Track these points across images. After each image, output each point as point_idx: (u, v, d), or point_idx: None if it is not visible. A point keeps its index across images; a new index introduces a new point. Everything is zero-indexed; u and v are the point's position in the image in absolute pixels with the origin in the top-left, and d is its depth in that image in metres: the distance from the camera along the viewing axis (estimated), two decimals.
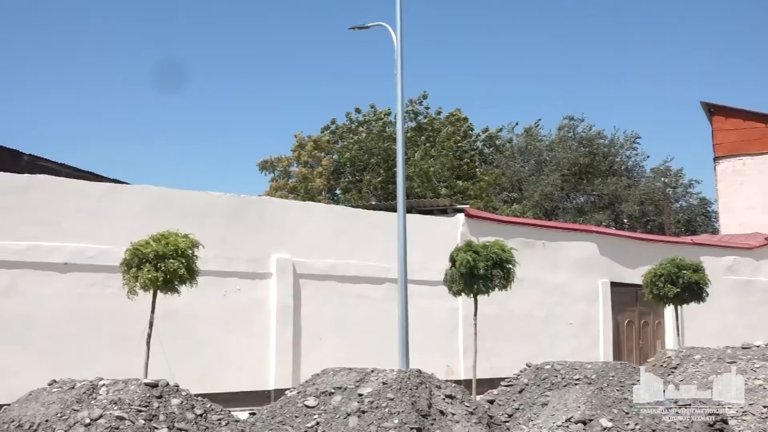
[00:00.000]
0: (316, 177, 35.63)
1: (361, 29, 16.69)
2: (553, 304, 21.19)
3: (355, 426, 8.26)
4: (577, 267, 21.78)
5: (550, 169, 38.86)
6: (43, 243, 14.00)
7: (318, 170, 35.99)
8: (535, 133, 41.32)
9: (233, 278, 15.99)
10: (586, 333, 21.76)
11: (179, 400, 6.84)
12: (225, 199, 16.32)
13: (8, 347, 13.35)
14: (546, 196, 38.16)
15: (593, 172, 39.19)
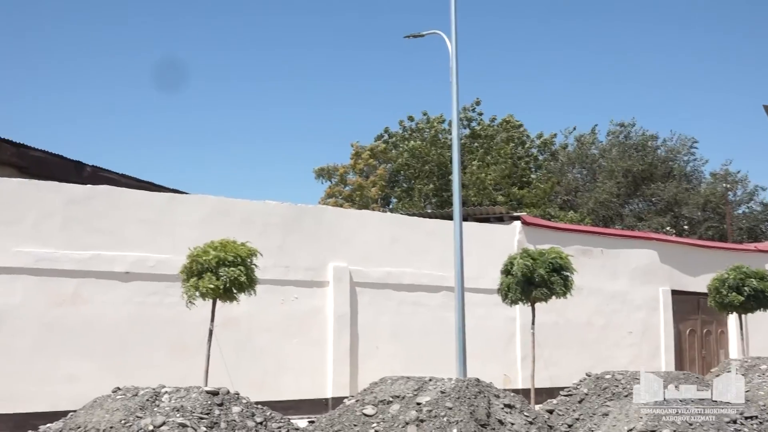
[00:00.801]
0: (371, 185, 35.72)
1: (416, 37, 16.69)
2: (612, 313, 20.90)
3: None
4: (636, 275, 21.45)
5: (605, 176, 38.34)
6: (105, 252, 14.25)
7: (372, 179, 36.09)
8: (587, 141, 40.78)
9: (291, 286, 16.08)
10: (646, 342, 21.41)
11: (240, 407, 6.88)
12: (282, 208, 16.42)
13: (72, 354, 13.62)
14: (602, 204, 37.67)
15: (650, 177, 38.54)
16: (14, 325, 13.29)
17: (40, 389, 13.19)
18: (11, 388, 13.02)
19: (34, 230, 13.70)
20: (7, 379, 13.04)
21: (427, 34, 16.58)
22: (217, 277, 11.30)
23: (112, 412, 6.68)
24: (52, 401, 12.87)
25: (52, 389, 13.20)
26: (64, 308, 13.75)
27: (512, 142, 36.94)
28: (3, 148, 14.63)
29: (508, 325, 18.91)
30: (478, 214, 20.90)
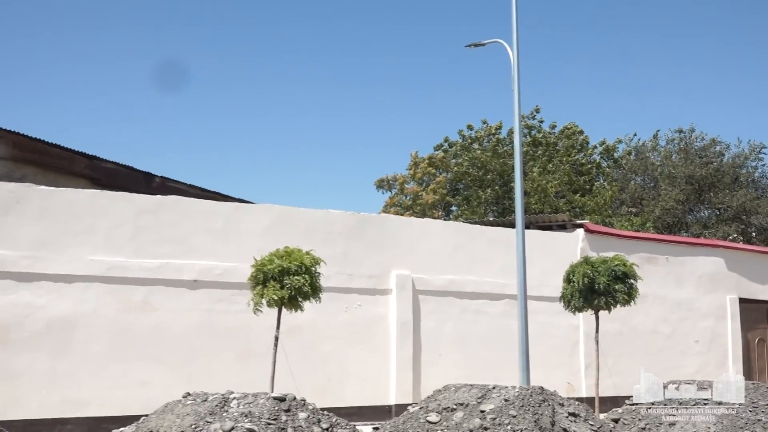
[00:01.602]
0: (430, 193, 35.71)
1: (477, 46, 16.67)
2: (677, 321, 20.51)
3: None
4: (703, 282, 21.02)
5: (667, 184, 37.64)
6: (174, 261, 14.51)
7: (431, 187, 36.07)
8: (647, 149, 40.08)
9: (354, 294, 16.16)
10: (713, 351, 20.96)
11: (306, 413, 6.94)
12: (345, 217, 16.52)
13: (143, 360, 13.89)
14: (667, 211, 36.98)
15: (716, 184, 37.69)
16: (87, 332, 13.62)
17: (111, 394, 13.48)
18: (84, 393, 13.34)
19: (106, 240, 14.03)
20: (80, 384, 13.36)
21: (488, 43, 16.55)
22: (281, 286, 11.44)
23: (182, 417, 6.80)
24: (123, 405, 13.17)
25: (123, 394, 13.48)
26: (134, 315, 14.03)
27: (573, 149, 36.54)
28: (76, 161, 15.03)
29: (572, 333, 18.71)
30: (540, 222, 20.74)
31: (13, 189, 13.47)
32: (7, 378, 12.90)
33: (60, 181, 14.52)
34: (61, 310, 13.47)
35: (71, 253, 13.70)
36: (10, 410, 12.45)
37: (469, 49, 16.87)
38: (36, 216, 13.52)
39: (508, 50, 15.98)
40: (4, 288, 13.09)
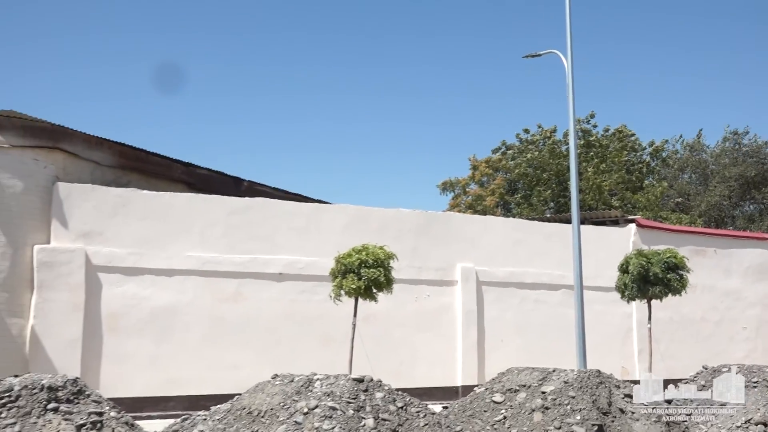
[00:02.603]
0: (490, 194, 35.49)
1: (534, 57, 16.48)
2: (725, 309, 19.96)
3: (539, 421, 8.11)
4: (750, 273, 20.41)
5: (717, 180, 36.66)
6: (261, 256, 14.73)
7: (491, 187, 35.84)
8: (699, 147, 39.10)
9: (423, 285, 16.17)
10: (761, 338, 20.34)
11: (383, 393, 6.97)
12: (414, 215, 16.54)
13: (235, 345, 14.14)
14: (714, 206, 36.04)
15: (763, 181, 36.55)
16: (186, 320, 13.93)
17: (207, 375, 13.77)
18: (184, 374, 13.65)
19: (201, 237, 14.32)
20: (180, 366, 13.68)
21: (544, 53, 16.36)
22: (359, 278, 11.55)
23: (272, 395, 6.89)
24: (218, 385, 13.43)
25: (218, 375, 13.75)
26: (227, 305, 14.29)
27: (625, 150, 35.87)
28: (174, 167, 15.32)
29: (625, 321, 18.37)
30: (594, 218, 20.42)
31: (120, 194, 13.86)
32: (117, 360, 13.28)
33: (160, 186, 14.83)
34: (162, 301, 13.80)
35: (171, 250, 14.03)
36: (119, 389, 12.82)
37: (526, 59, 16.68)
38: (140, 217, 13.88)
39: (563, 60, 15.78)
40: (113, 281, 13.48)
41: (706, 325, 19.56)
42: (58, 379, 5.61)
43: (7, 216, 12.87)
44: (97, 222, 13.50)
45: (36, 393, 5.44)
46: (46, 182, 13.33)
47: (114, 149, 14.54)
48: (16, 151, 13.12)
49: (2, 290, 12.68)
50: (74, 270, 13.09)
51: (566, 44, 15.62)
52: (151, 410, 12.87)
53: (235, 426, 6.68)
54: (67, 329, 12.90)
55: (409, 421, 6.79)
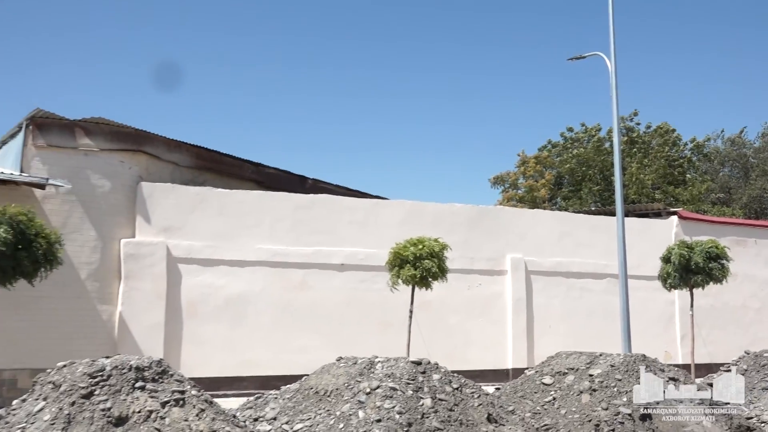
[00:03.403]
0: (540, 188, 35.05)
1: (579, 59, 16.18)
2: (766, 297, 19.37)
3: (587, 402, 7.99)
4: None
5: (757, 174, 35.50)
6: (324, 248, 14.84)
7: (541, 182, 35.40)
8: (740, 142, 37.91)
9: (475, 275, 16.08)
10: None
11: (439, 375, 6.95)
12: (466, 209, 16.46)
13: (302, 330, 14.29)
14: (754, 199, 34.93)
15: None
16: (257, 307, 14.12)
17: (278, 357, 13.94)
18: (257, 356, 13.84)
19: (270, 231, 14.49)
20: (253, 349, 13.88)
21: (588, 56, 16.05)
22: (414, 268, 11.54)
23: (337, 376, 6.95)
24: (287, 367, 13.59)
25: (286, 357, 13.92)
26: (294, 293, 14.44)
27: (666, 146, 35.03)
28: (245, 167, 15.52)
29: (668, 308, 17.98)
30: (638, 210, 20.01)
31: (197, 192, 14.11)
32: (196, 344, 13.55)
33: (233, 184, 15.06)
34: (236, 289, 14.02)
35: (243, 243, 14.23)
36: (198, 369, 13.06)
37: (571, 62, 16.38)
38: (215, 213, 14.11)
39: (606, 62, 15.47)
40: (192, 271, 13.74)
41: (747, 312, 19.02)
42: (144, 361, 5.74)
43: (97, 213, 13.24)
44: (177, 218, 13.77)
45: (125, 373, 5.58)
46: (131, 182, 13.66)
47: (191, 151, 14.81)
48: (104, 154, 13.47)
49: (93, 280, 13.06)
50: (157, 261, 13.38)
51: (609, 46, 15.31)
52: (226, 389, 13.09)
53: (303, 404, 6.75)
54: (150, 315, 13.20)
55: (464, 401, 6.76)
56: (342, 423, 6.22)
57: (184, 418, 5.46)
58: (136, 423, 5.28)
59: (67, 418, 5.20)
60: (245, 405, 7.39)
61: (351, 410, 6.35)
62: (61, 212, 12.89)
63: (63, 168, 12.98)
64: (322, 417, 6.47)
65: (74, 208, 13.04)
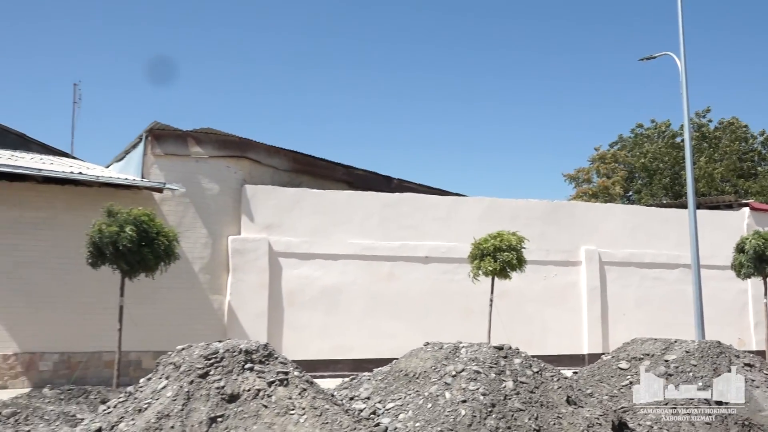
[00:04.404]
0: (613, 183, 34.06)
1: (649, 59, 15.61)
2: None
3: None
4: None
5: None
6: (410, 242, 14.86)
7: (614, 178, 34.39)
8: None
9: (550, 266, 15.77)
10: None
11: (520, 359, 6.82)
12: (542, 205, 16.16)
13: (390, 317, 14.36)
14: None
15: None
16: (349, 296, 14.28)
17: (368, 342, 14.05)
18: (350, 341, 14.00)
19: (360, 227, 14.62)
20: (347, 334, 14.05)
21: (658, 56, 15.47)
22: (494, 260, 11.42)
23: (424, 360, 6.93)
24: (377, 351, 13.65)
25: (376, 342, 14.00)
26: (382, 284, 14.52)
27: (737, 142, 33.38)
28: (337, 169, 15.70)
29: (741, 296, 17.14)
30: (709, 203, 19.16)
31: (294, 193, 14.38)
32: (294, 330, 13.81)
33: (326, 185, 15.26)
34: (330, 280, 14.21)
35: (335, 238, 14.41)
36: (297, 352, 13.29)
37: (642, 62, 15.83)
38: (310, 212, 14.35)
39: (676, 61, 14.87)
40: (291, 264, 14.01)
41: None
42: (252, 344, 5.88)
43: (207, 213, 13.68)
44: (277, 216, 14.07)
45: (236, 355, 5.72)
46: (236, 185, 14.05)
47: (289, 156, 15.09)
48: (213, 160, 13.90)
49: (205, 273, 13.50)
50: (260, 256, 13.71)
51: (679, 45, 14.71)
52: (323, 371, 13.27)
53: (394, 385, 6.77)
54: (255, 304, 13.54)
55: (545, 384, 6.62)
56: (430, 403, 6.20)
57: (288, 396, 5.56)
58: (246, 400, 5.42)
59: (186, 395, 5.38)
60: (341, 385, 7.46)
61: (438, 391, 6.32)
62: (177, 213, 13.39)
63: (177, 173, 13.47)
64: (411, 397, 6.47)
65: (188, 209, 13.52)
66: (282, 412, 5.44)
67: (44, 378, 11.87)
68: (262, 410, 5.40)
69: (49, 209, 12.36)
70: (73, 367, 12.25)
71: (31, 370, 11.97)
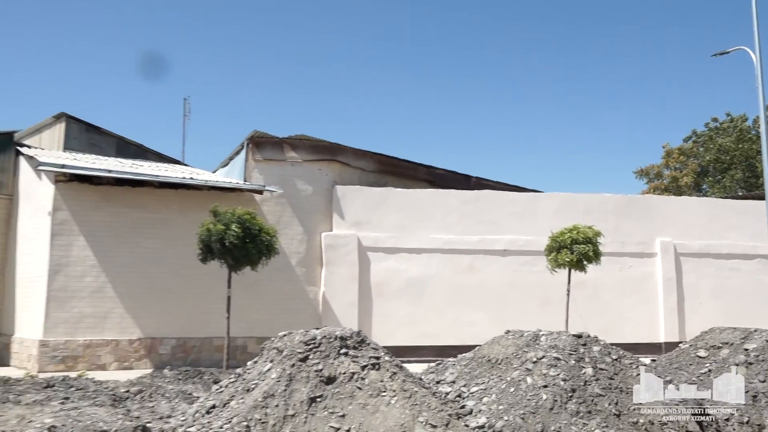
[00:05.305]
0: (684, 177, 32.48)
1: (722, 55, 14.77)
2: None
3: (743, 375, 7.26)
4: None
5: None
6: (488, 236, 14.67)
7: (685, 171, 32.80)
8: None
9: (625, 257, 15.21)
10: None
11: (599, 347, 6.60)
12: (615, 199, 15.61)
13: (471, 307, 14.22)
14: None
15: None
16: (432, 287, 14.24)
17: (450, 330, 13.98)
18: (434, 328, 13.97)
19: (441, 223, 14.56)
20: (430, 323, 14.02)
21: (732, 50, 14.62)
22: (571, 252, 11.12)
23: (506, 347, 6.82)
24: (460, 338, 13.59)
25: (459, 330, 13.91)
26: (463, 276, 14.41)
27: None
28: (419, 169, 15.69)
29: None
30: None
31: (380, 192, 14.47)
32: (382, 318, 13.90)
33: (409, 184, 15.27)
34: (414, 273, 14.22)
35: (419, 234, 14.40)
36: (387, 340, 13.32)
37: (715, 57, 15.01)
38: (395, 209, 14.39)
39: (751, 55, 14.01)
40: (379, 258, 14.11)
41: None
42: (346, 331, 5.95)
43: (302, 212, 13.96)
44: (365, 214, 14.20)
45: (332, 341, 5.80)
46: (327, 186, 14.27)
47: (374, 158, 15.20)
48: (306, 164, 14.17)
49: (301, 266, 13.78)
50: (350, 250, 13.88)
51: (754, 39, 13.85)
52: (409, 356, 13.27)
53: (478, 370, 6.70)
54: (346, 295, 13.71)
55: (623, 371, 6.38)
56: (513, 387, 6.09)
57: (380, 379, 5.60)
58: (342, 382, 5.49)
59: (289, 377, 5.50)
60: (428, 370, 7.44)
61: (520, 376, 6.20)
62: (275, 212, 13.73)
63: (275, 177, 13.81)
64: (494, 381, 6.38)
65: (285, 208, 13.84)
66: (375, 393, 5.48)
67: (163, 360, 12.44)
68: (357, 392, 5.46)
69: (165, 211, 12.93)
70: (188, 351, 12.77)
71: (153, 353, 12.57)
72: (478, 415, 5.85)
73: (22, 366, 12.05)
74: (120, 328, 12.35)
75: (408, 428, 5.21)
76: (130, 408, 6.93)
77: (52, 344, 11.81)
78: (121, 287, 12.37)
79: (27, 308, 12.49)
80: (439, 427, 5.30)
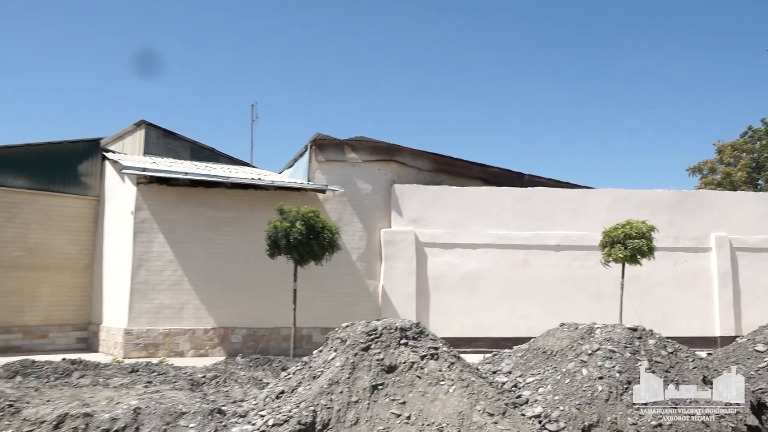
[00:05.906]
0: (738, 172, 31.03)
1: None
2: None
3: None
4: None
5: None
6: (542, 232, 14.40)
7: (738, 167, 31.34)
8: None
9: (680, 252, 14.65)
10: None
11: (654, 340, 6.37)
12: (669, 194, 15.05)
13: (525, 300, 14.00)
14: None
15: None
16: (487, 281, 14.08)
17: (506, 322, 13.80)
18: (489, 321, 13.82)
19: (496, 219, 14.38)
20: (485, 315, 13.87)
21: None
22: (624, 247, 10.80)
23: (561, 339, 6.67)
24: (513, 330, 13.40)
25: (513, 322, 13.72)
26: (517, 270, 14.19)
27: None
28: (473, 168, 15.54)
29: None
30: None
31: (436, 190, 14.41)
32: (440, 311, 13.84)
33: (463, 182, 15.16)
34: (470, 267, 14.10)
35: (474, 230, 14.27)
36: (443, 331, 13.19)
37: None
38: (451, 206, 14.30)
39: None
40: (435, 253, 14.05)
41: None
42: (406, 323, 5.95)
43: (362, 210, 14.04)
44: (422, 211, 14.17)
45: (393, 332, 5.80)
46: (386, 185, 14.30)
47: (430, 158, 15.14)
48: (366, 164, 14.24)
49: (362, 261, 13.86)
50: (408, 246, 13.88)
51: None
52: (465, 347, 13.19)
53: (533, 361, 6.58)
54: (405, 288, 13.72)
55: (680, 364, 6.14)
56: (568, 378, 5.95)
57: (438, 368, 5.57)
58: (402, 371, 5.49)
59: (352, 365, 5.54)
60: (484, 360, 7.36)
61: (575, 368, 6.05)
62: (337, 210, 13.86)
63: (337, 176, 13.94)
64: (549, 372, 6.25)
65: (346, 206, 13.95)
66: (434, 382, 5.46)
67: (235, 348, 12.76)
68: (417, 380, 5.45)
69: (236, 209, 13.24)
70: (257, 340, 13.05)
71: (225, 342, 12.90)
72: (533, 404, 5.75)
73: (110, 352, 12.58)
74: (196, 318, 12.72)
75: (466, 416, 5.16)
76: (207, 392, 7.13)
77: (136, 332, 12.28)
78: (196, 280, 12.75)
79: (113, 300, 13.02)
80: (496, 415, 5.23)
